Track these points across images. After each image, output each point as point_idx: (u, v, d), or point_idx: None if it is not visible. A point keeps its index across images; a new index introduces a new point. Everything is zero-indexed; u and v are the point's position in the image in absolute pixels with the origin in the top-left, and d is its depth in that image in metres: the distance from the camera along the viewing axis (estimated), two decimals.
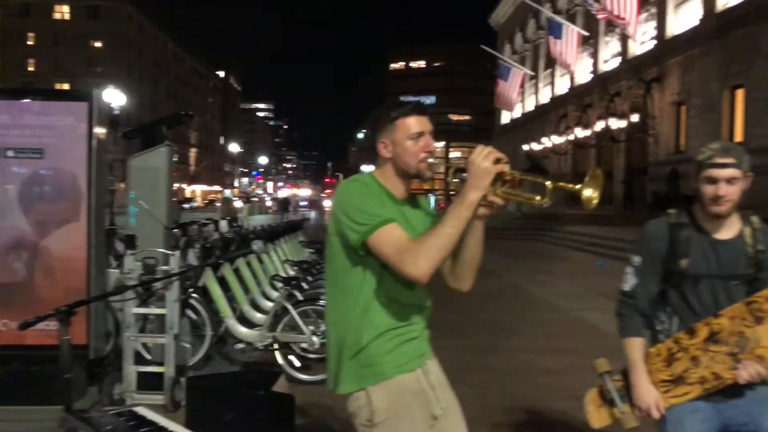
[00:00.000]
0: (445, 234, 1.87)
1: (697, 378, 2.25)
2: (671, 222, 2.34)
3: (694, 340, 2.27)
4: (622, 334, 2.40)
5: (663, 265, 2.33)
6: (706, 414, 2.27)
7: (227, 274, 6.16)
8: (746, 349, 2.20)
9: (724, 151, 2.20)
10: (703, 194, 2.24)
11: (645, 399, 2.31)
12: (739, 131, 21.25)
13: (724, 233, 2.29)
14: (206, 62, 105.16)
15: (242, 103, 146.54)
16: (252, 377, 3.24)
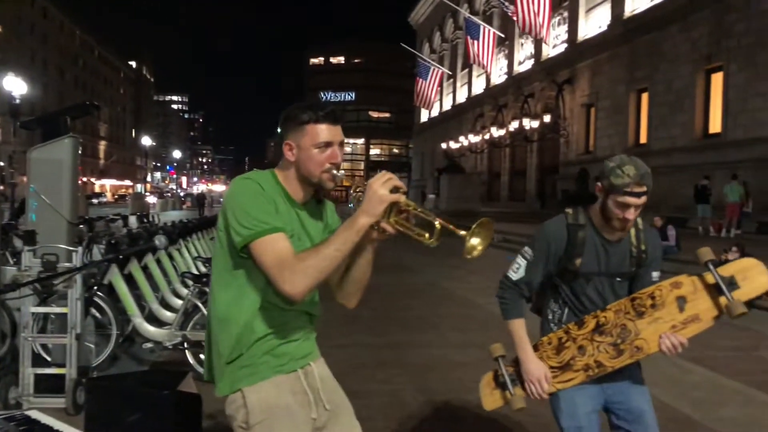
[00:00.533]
0: (328, 256, 1.80)
1: (582, 365, 2.44)
2: (569, 222, 2.47)
3: (582, 330, 2.45)
4: (506, 317, 2.56)
5: (557, 263, 2.49)
6: (592, 391, 2.50)
7: (135, 271, 5.94)
8: (627, 339, 2.41)
9: (640, 178, 2.30)
10: (611, 212, 2.36)
11: (534, 373, 2.47)
12: (643, 133, 22.36)
13: (613, 235, 2.46)
14: (117, 52, 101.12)
15: (155, 95, 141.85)
16: (157, 377, 3.13)
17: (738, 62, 17.62)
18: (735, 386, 5.31)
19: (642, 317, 2.40)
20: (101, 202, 61.68)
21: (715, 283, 2.35)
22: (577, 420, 2.47)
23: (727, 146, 17.83)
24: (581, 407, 2.48)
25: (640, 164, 2.35)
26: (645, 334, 2.39)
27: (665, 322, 2.39)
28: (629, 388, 2.52)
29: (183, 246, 8.13)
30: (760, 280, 2.38)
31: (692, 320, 2.38)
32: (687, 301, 2.39)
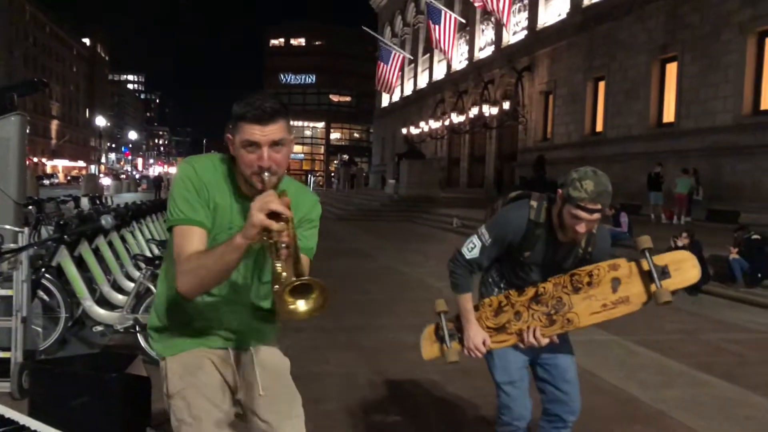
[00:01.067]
0: (206, 265, 1.76)
1: (515, 330, 2.63)
2: (530, 219, 2.57)
3: (521, 297, 2.63)
4: (456, 291, 2.72)
5: (508, 248, 2.65)
6: (524, 348, 2.69)
7: (85, 253, 5.80)
8: (560, 311, 2.57)
9: (596, 196, 2.35)
10: (565, 220, 2.45)
11: (474, 338, 2.66)
12: (600, 121, 22.72)
13: (566, 238, 2.57)
14: (70, 28, 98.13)
15: (110, 74, 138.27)
16: (105, 360, 3.07)
17: (692, 52, 18.00)
18: (680, 368, 5.48)
19: (577, 293, 2.55)
20: (53, 184, 60.13)
21: (648, 270, 2.49)
22: (510, 374, 2.71)
23: (680, 135, 18.25)
24: (513, 363, 2.71)
25: (601, 182, 2.38)
26: (577, 308, 2.55)
27: (597, 300, 2.54)
28: (557, 348, 2.71)
29: (136, 228, 7.98)
30: (691, 272, 2.53)
31: (622, 302, 2.53)
32: (621, 283, 2.53)
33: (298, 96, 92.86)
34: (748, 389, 4.91)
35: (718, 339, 6.62)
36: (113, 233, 6.83)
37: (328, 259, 12.08)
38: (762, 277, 8.73)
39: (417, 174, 25.94)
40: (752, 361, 5.85)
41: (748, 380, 5.14)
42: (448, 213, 20.32)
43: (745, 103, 16.32)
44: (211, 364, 1.98)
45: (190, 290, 1.82)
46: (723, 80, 16.89)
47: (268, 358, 2.05)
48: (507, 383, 2.71)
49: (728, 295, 8.84)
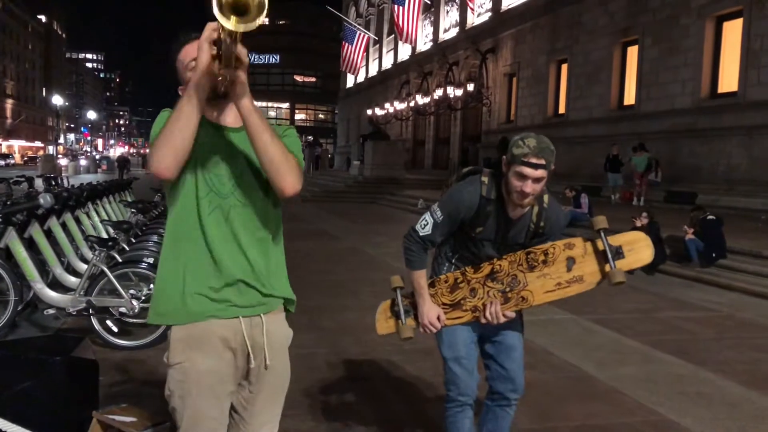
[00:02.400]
0: (171, 118, 1.76)
1: (471, 306, 2.63)
2: (482, 195, 2.55)
3: (477, 274, 2.61)
4: (410, 267, 2.70)
5: (460, 224, 2.63)
6: (472, 324, 2.71)
7: (36, 234, 5.64)
8: (515, 289, 2.57)
9: (539, 151, 2.36)
10: (511, 184, 2.43)
11: (428, 314, 2.65)
12: (562, 104, 22.90)
13: (517, 212, 2.57)
14: (24, 4, 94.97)
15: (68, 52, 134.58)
16: (52, 343, 2.99)
17: (652, 36, 18.21)
18: (635, 346, 5.58)
19: (533, 271, 2.55)
20: (9, 164, 58.55)
21: (603, 250, 2.50)
22: (457, 350, 2.69)
23: (640, 118, 18.50)
24: (461, 339, 2.70)
25: (543, 140, 2.41)
26: (532, 286, 2.56)
27: (551, 279, 2.54)
28: (506, 326, 2.71)
29: (92, 209, 7.80)
30: (645, 253, 2.56)
31: (576, 281, 2.54)
32: (575, 263, 2.54)
33: (261, 76, 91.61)
34: (699, 365, 5.02)
35: (672, 317, 6.76)
36: (67, 214, 6.67)
37: (292, 239, 11.94)
38: (716, 257, 8.92)
39: (382, 155, 25.88)
40: (704, 338, 5.98)
41: (699, 356, 5.26)
42: (413, 194, 20.34)
43: (704, 87, 16.59)
44: (219, 343, 1.90)
45: (159, 159, 1.75)
46: (682, 64, 17.14)
47: (275, 330, 2.00)
48: (453, 359, 2.70)
49: (684, 275, 9.03)
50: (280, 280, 2.03)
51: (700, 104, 16.55)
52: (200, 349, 1.88)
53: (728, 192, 14.94)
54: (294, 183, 1.85)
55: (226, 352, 1.92)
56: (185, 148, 1.76)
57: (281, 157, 1.82)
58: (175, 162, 1.76)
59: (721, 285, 8.38)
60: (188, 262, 1.88)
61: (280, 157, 1.82)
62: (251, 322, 1.94)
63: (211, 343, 1.89)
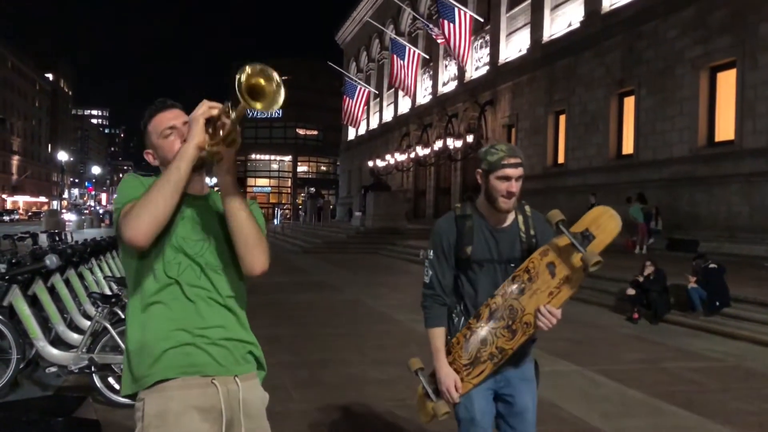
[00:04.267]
0: (156, 187, 1.77)
1: (487, 355, 2.51)
2: (457, 215, 2.60)
3: (480, 322, 2.52)
4: (426, 325, 2.61)
5: (454, 253, 2.58)
6: (487, 384, 2.59)
7: (39, 292, 5.66)
8: (516, 318, 2.49)
9: (513, 151, 2.49)
10: (495, 190, 2.50)
11: (445, 381, 2.53)
12: (561, 154, 23.13)
13: (501, 222, 2.58)
14: (33, 63, 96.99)
15: (74, 109, 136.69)
16: (55, 403, 2.98)
17: (647, 87, 18.52)
18: (640, 397, 5.51)
19: (523, 294, 2.48)
20: (13, 220, 58.82)
21: (570, 241, 2.44)
22: (472, 412, 2.57)
23: (638, 166, 18.66)
24: (476, 400, 2.57)
25: (510, 144, 2.57)
26: (529, 308, 2.47)
27: (542, 292, 2.47)
28: (519, 383, 2.62)
29: (95, 265, 7.82)
30: (611, 225, 2.50)
31: (564, 282, 2.46)
32: (556, 266, 2.48)
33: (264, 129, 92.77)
34: (707, 418, 4.96)
35: (678, 368, 6.69)
36: (70, 271, 6.69)
37: (293, 292, 11.98)
38: (720, 306, 8.88)
39: (383, 206, 26.01)
40: (711, 389, 5.92)
41: (706, 408, 5.20)
42: (415, 245, 20.35)
43: (700, 135, 16.78)
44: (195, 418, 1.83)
45: (140, 227, 1.73)
46: (678, 113, 17.38)
47: (251, 395, 1.96)
48: (469, 421, 2.58)
49: (688, 324, 8.97)
50: (254, 343, 2.02)
51: (697, 152, 16.71)
52: (176, 422, 1.82)
53: (730, 239, 14.95)
54: (264, 262, 1.88)
55: (204, 425, 1.85)
56: (166, 217, 1.77)
57: (256, 236, 1.85)
58: (154, 231, 1.76)
59: (726, 334, 8.32)
60: (158, 325, 1.84)
61: (255, 236, 1.85)
62: (228, 389, 1.89)
63: (189, 415, 1.83)
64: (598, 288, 10.72)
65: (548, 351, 6.63)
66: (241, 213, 1.83)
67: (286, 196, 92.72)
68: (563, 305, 2.49)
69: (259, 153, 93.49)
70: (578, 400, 5.39)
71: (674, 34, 17.58)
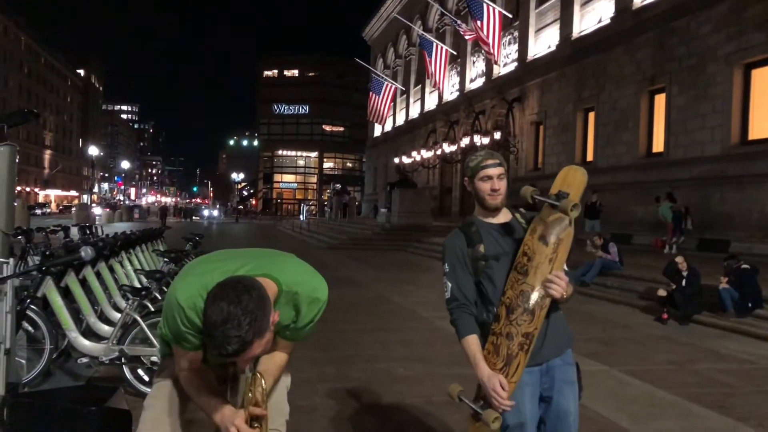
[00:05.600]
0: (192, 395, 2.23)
1: (517, 346, 2.50)
2: (460, 226, 2.73)
3: (500, 322, 2.55)
4: (459, 337, 2.60)
5: (469, 257, 2.63)
6: (534, 387, 2.61)
7: (72, 284, 5.76)
8: (530, 300, 2.52)
9: (489, 155, 2.68)
10: (481, 191, 2.64)
11: (490, 383, 2.45)
12: (590, 151, 22.89)
13: (500, 219, 2.71)
14: (65, 59, 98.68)
15: (104, 104, 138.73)
16: (87, 393, 3.02)
17: (679, 84, 18.23)
18: (671, 399, 5.44)
19: (527, 274, 2.53)
20: (45, 213, 59.92)
21: (548, 205, 2.57)
22: (522, 416, 2.55)
23: (669, 165, 18.39)
24: (525, 403, 2.56)
25: (487, 150, 2.74)
26: (537, 284, 2.52)
27: (543, 263, 2.52)
28: (563, 385, 2.64)
29: (125, 258, 7.93)
30: (578, 177, 2.67)
31: (559, 244, 2.55)
32: (546, 235, 2.56)
33: (291, 126, 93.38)
34: (739, 421, 4.88)
35: (709, 369, 6.59)
36: (101, 263, 6.79)
37: None
38: (752, 307, 8.73)
39: (409, 203, 25.99)
40: (743, 391, 5.81)
41: (738, 411, 5.11)
42: (440, 242, 20.28)
43: (733, 134, 16.49)
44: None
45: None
46: (711, 111, 17.09)
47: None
48: (518, 426, 2.55)
49: (719, 325, 8.83)
50: None
51: (729, 151, 16.42)
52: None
53: (763, 240, 14.67)
54: None
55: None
56: None
57: None
58: None
59: (759, 336, 8.17)
60: None
61: None
62: None
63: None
64: (627, 288, 10.59)
65: (576, 350, 6.54)
66: None
67: (312, 192, 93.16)
68: (564, 266, 2.58)
69: (285, 149, 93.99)
70: (606, 400, 5.34)
71: (707, 29, 17.27)
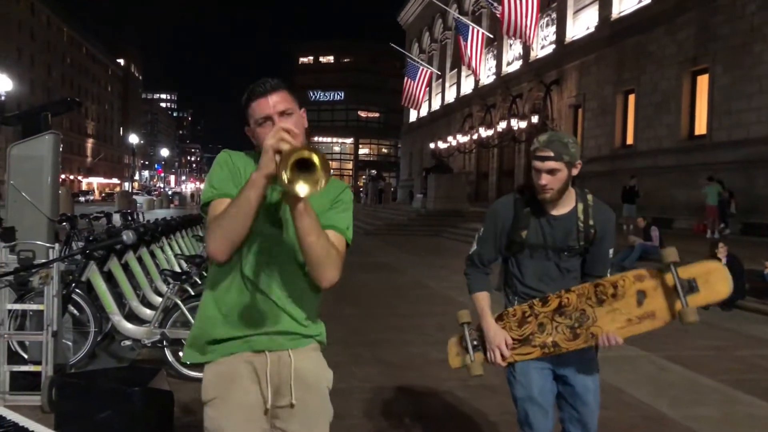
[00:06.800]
0: (228, 214, 1.80)
1: (540, 342, 2.51)
2: (516, 198, 2.61)
3: (545, 308, 2.51)
4: (469, 290, 2.68)
5: (506, 236, 2.60)
6: (545, 364, 2.60)
7: (114, 268, 5.90)
8: (584, 324, 2.46)
9: (547, 144, 2.43)
10: (534, 179, 2.50)
11: (495, 340, 2.55)
12: (630, 134, 22.45)
13: (558, 210, 2.55)
14: (105, 49, 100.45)
15: (144, 93, 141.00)
16: (130, 374, 3.12)
17: (723, 64, 17.73)
18: (712, 385, 5.35)
19: (602, 305, 2.44)
20: (88, 200, 61.35)
21: (674, 284, 2.35)
22: (531, 390, 2.58)
23: (712, 148, 17.94)
24: (535, 377, 2.58)
25: (555, 134, 2.49)
26: (601, 321, 2.44)
27: (622, 314, 2.42)
28: (581, 366, 2.62)
29: (165, 243, 8.09)
30: (720, 287, 2.36)
31: (648, 317, 2.40)
32: (646, 297, 2.41)
33: (326, 112, 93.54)
34: None
35: (752, 355, 6.46)
36: (143, 249, 6.94)
37: (355, 273, 12.10)
38: None
39: (445, 188, 25.88)
40: None
41: None
42: (477, 227, 20.14)
43: None
44: (247, 377, 1.94)
45: (217, 246, 1.82)
46: (757, 91, 16.59)
47: (306, 366, 2.00)
48: (527, 399, 2.58)
49: (763, 311, 8.64)
50: (314, 321, 2.06)
51: None
52: (229, 385, 1.93)
53: None
54: (332, 277, 1.92)
55: (253, 386, 1.94)
56: (240, 238, 1.83)
57: (324, 255, 1.86)
58: (230, 250, 1.84)
59: None
60: (228, 308, 1.94)
61: (324, 255, 1.86)
62: (279, 358, 1.96)
63: (240, 378, 1.94)
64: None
65: None
66: (310, 237, 1.82)
67: (348, 178, 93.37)
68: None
69: (321, 135, 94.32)
70: (645, 385, 5.27)
71: (753, 8, 16.73)
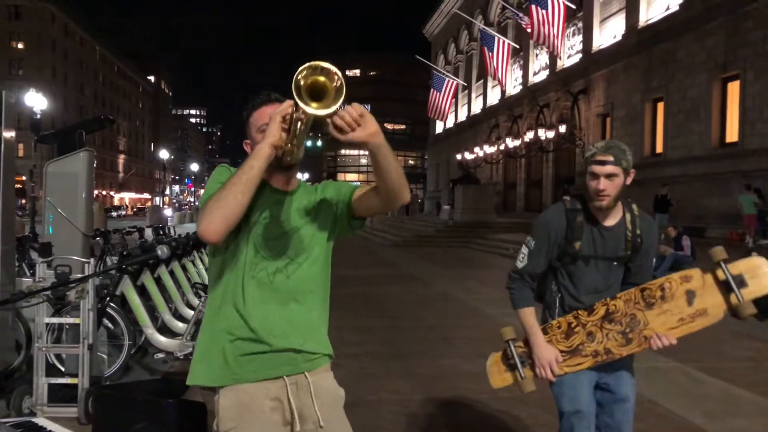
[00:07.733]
0: (226, 188, 1.73)
1: (591, 351, 2.50)
2: (567, 208, 2.59)
3: (591, 317, 2.51)
4: (515, 306, 2.64)
5: (558, 248, 2.58)
6: (592, 375, 2.60)
7: (147, 282, 6.01)
8: (636, 329, 2.47)
9: (606, 149, 2.47)
10: (588, 188, 2.51)
11: (545, 356, 2.53)
12: (659, 142, 22.19)
13: (609, 220, 2.56)
14: (136, 66, 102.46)
15: (174, 109, 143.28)
16: (164, 386, 3.17)
17: (755, 70, 17.46)
18: (748, 397, 5.25)
19: (651, 308, 2.46)
20: (120, 215, 62.36)
21: (724, 279, 2.40)
22: (579, 404, 2.55)
23: (744, 155, 17.65)
24: (584, 391, 2.57)
25: (613, 141, 2.53)
26: (653, 324, 2.45)
27: (673, 315, 2.44)
28: (621, 374, 2.61)
29: (197, 257, 8.21)
30: (766, 280, 2.41)
31: (700, 314, 2.43)
32: (696, 296, 2.43)
33: None
34: None
35: None
36: (174, 262, 7.05)
37: (383, 284, 12.13)
38: None
39: (472, 199, 25.80)
40: None
41: None
42: (505, 238, 20.11)
43: None
44: (268, 406, 1.88)
45: (211, 222, 1.71)
46: None
47: (324, 388, 1.98)
48: (574, 413, 2.55)
49: None
50: (322, 337, 2.01)
51: None
52: (249, 416, 1.86)
53: None
54: (408, 195, 1.92)
55: (275, 415, 1.89)
56: (238, 214, 1.75)
57: (401, 174, 1.87)
58: (225, 227, 1.74)
59: None
60: (231, 325, 1.87)
61: (401, 174, 1.86)
62: (297, 383, 1.91)
63: (261, 409, 1.87)
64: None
65: None
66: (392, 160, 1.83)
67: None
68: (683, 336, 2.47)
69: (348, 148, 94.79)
70: (678, 397, 5.20)
71: None
